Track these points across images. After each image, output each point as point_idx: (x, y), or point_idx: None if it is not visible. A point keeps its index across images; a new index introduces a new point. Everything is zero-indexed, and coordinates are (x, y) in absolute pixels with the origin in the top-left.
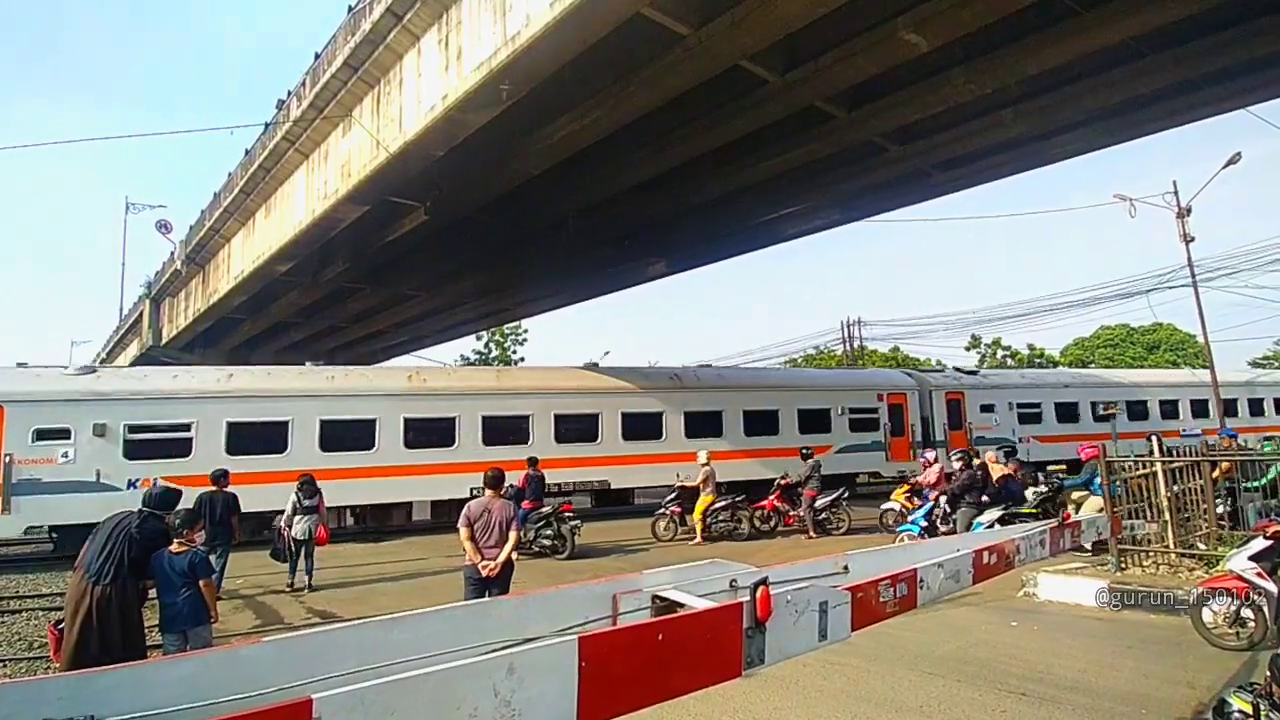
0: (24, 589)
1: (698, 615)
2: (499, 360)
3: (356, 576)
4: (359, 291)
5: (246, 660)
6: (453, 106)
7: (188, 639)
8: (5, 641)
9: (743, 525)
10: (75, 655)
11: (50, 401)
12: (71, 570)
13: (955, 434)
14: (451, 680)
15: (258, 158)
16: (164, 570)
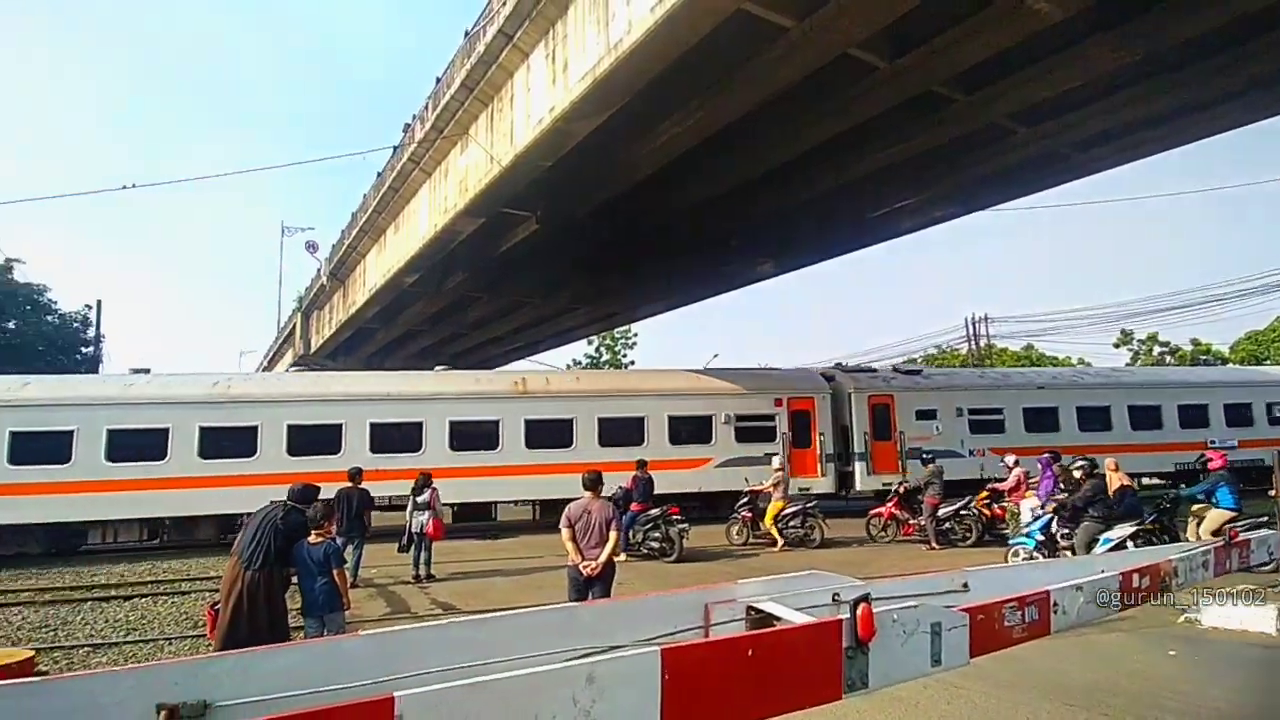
0: (194, 572)
1: (793, 631)
2: (609, 364)
3: (475, 572)
4: (477, 299)
5: (346, 653)
6: (559, 118)
7: (324, 624)
8: (173, 620)
9: (814, 532)
10: (227, 635)
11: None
12: (229, 555)
13: (881, 445)
14: (531, 686)
15: (387, 179)
16: (304, 559)
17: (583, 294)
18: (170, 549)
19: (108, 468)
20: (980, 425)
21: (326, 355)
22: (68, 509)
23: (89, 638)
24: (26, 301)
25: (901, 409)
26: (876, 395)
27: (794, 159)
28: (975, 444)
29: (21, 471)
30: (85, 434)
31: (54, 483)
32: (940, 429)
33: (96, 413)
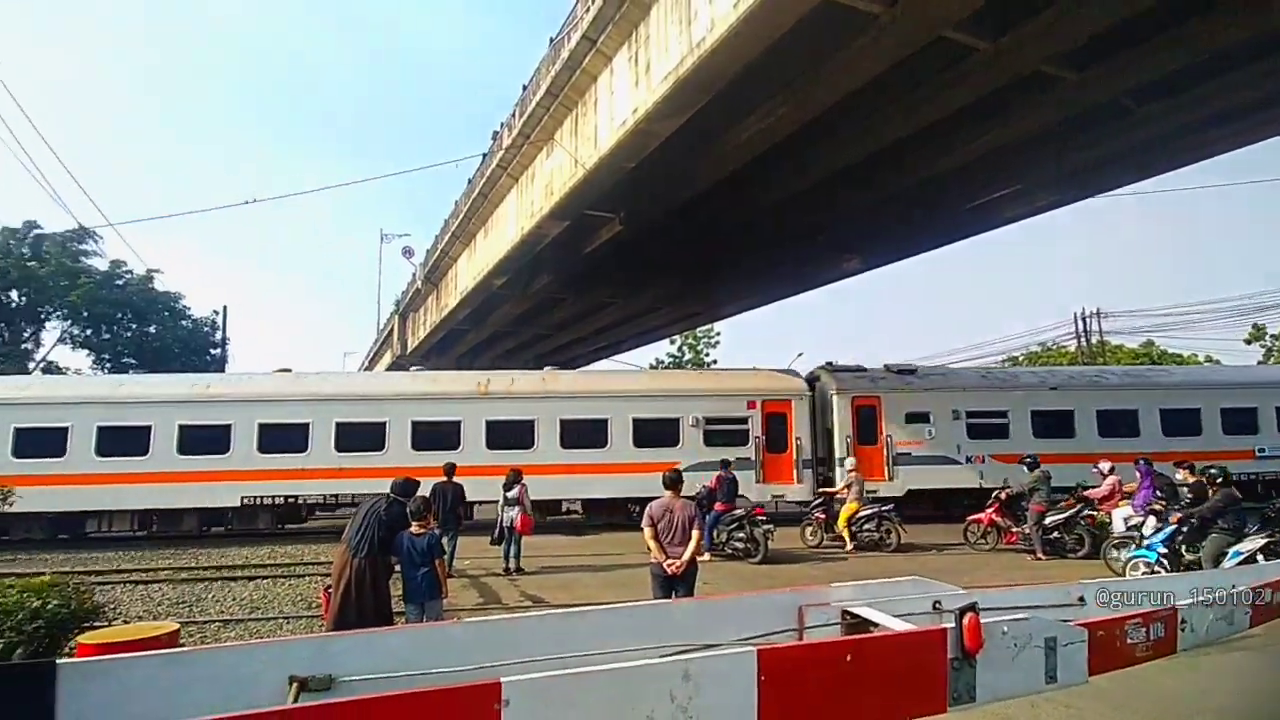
0: (307, 557)
1: (894, 638)
2: (692, 363)
3: (562, 566)
4: (562, 301)
5: (452, 637)
6: (642, 119)
7: (424, 610)
8: (290, 600)
9: (890, 536)
10: (339, 616)
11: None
12: (339, 543)
13: (866, 449)
14: (630, 679)
15: (477, 185)
16: (406, 549)
17: (665, 293)
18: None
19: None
20: (981, 429)
21: (421, 355)
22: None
23: (220, 613)
24: (165, 308)
25: (889, 411)
26: (861, 397)
27: (883, 150)
28: (974, 449)
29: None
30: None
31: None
32: (933, 433)
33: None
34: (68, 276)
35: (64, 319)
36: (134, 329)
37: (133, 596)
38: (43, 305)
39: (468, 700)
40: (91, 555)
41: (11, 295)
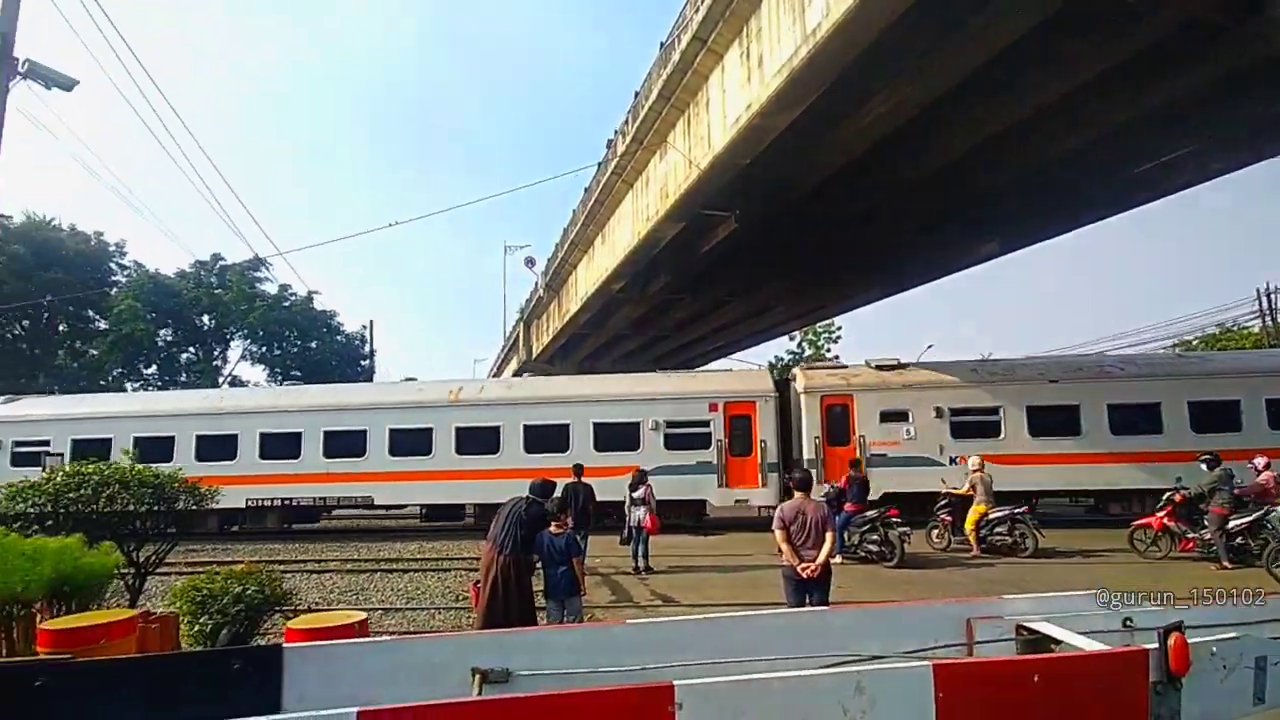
0: (452, 553)
1: (1088, 658)
2: (812, 359)
3: (691, 566)
4: (680, 302)
5: (618, 637)
6: (756, 114)
7: (564, 607)
8: (440, 592)
9: (1027, 541)
10: (487, 610)
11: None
12: (484, 541)
13: (837, 450)
14: (800, 689)
15: (594, 193)
16: (546, 548)
17: (783, 290)
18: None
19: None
20: (967, 428)
21: (545, 360)
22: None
23: (380, 602)
24: (322, 325)
25: (862, 410)
26: (832, 396)
27: (1022, 121)
28: (960, 450)
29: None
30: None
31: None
32: (912, 432)
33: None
34: (246, 301)
35: (244, 338)
36: (299, 345)
37: (309, 584)
38: (227, 327)
39: (642, 700)
40: (270, 546)
41: (203, 319)
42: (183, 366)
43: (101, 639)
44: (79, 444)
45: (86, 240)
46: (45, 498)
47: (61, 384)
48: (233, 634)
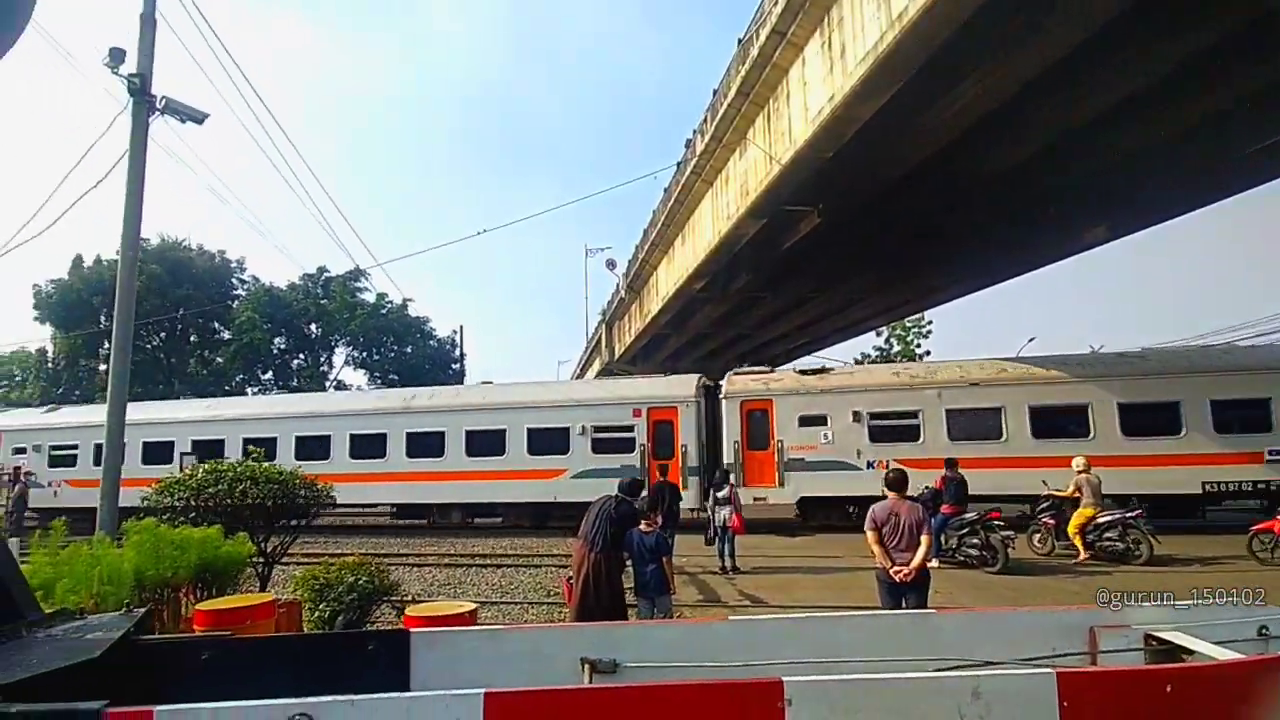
0: (541, 550)
1: (1221, 667)
2: (901, 355)
3: (779, 567)
4: (762, 299)
5: (719, 633)
6: (839, 105)
7: (654, 604)
8: (532, 587)
9: (1141, 547)
10: (580, 605)
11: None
12: (574, 538)
13: (756, 455)
14: (912, 691)
15: (673, 193)
16: (636, 546)
17: (867, 285)
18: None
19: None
20: (886, 432)
21: (627, 361)
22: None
23: (477, 596)
24: (416, 331)
25: (781, 415)
26: (752, 401)
27: (1132, 97)
28: (877, 455)
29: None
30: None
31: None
32: (830, 436)
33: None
34: (348, 310)
35: (347, 345)
36: (395, 350)
37: (411, 577)
38: (332, 334)
39: (751, 695)
40: (375, 540)
41: (311, 328)
42: (294, 372)
43: (247, 620)
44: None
45: (212, 259)
46: (188, 492)
47: (193, 389)
48: (348, 620)
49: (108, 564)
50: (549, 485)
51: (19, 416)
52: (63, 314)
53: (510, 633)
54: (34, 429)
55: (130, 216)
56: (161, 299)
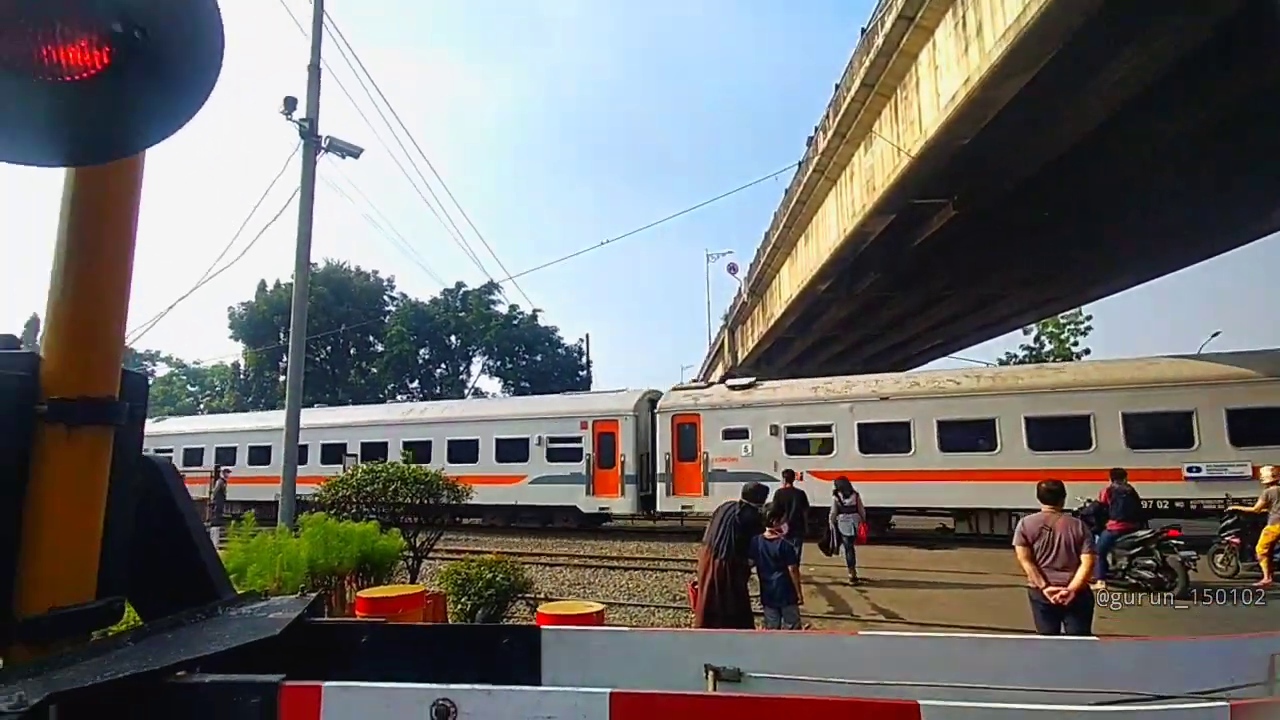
0: (668, 554)
1: None
2: (1054, 355)
3: (916, 581)
4: (890, 299)
5: (849, 648)
6: (975, 88)
7: (781, 614)
8: (658, 591)
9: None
10: (705, 611)
11: None
12: (700, 544)
13: (685, 465)
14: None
15: (794, 194)
16: (761, 553)
17: (1009, 281)
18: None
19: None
20: (801, 445)
21: (750, 365)
22: None
23: (605, 597)
24: (546, 339)
25: (708, 428)
26: (681, 415)
27: None
28: (791, 466)
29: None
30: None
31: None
32: (750, 449)
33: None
34: (484, 321)
35: (483, 355)
36: (526, 359)
37: (543, 576)
38: (470, 345)
39: (885, 716)
40: (510, 539)
41: (451, 339)
42: (437, 380)
43: (400, 609)
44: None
45: (367, 278)
46: (350, 490)
47: (353, 397)
48: (486, 614)
49: (287, 552)
50: (512, 490)
51: (219, 421)
52: (251, 332)
53: (636, 634)
54: (232, 431)
55: (302, 244)
56: (327, 316)
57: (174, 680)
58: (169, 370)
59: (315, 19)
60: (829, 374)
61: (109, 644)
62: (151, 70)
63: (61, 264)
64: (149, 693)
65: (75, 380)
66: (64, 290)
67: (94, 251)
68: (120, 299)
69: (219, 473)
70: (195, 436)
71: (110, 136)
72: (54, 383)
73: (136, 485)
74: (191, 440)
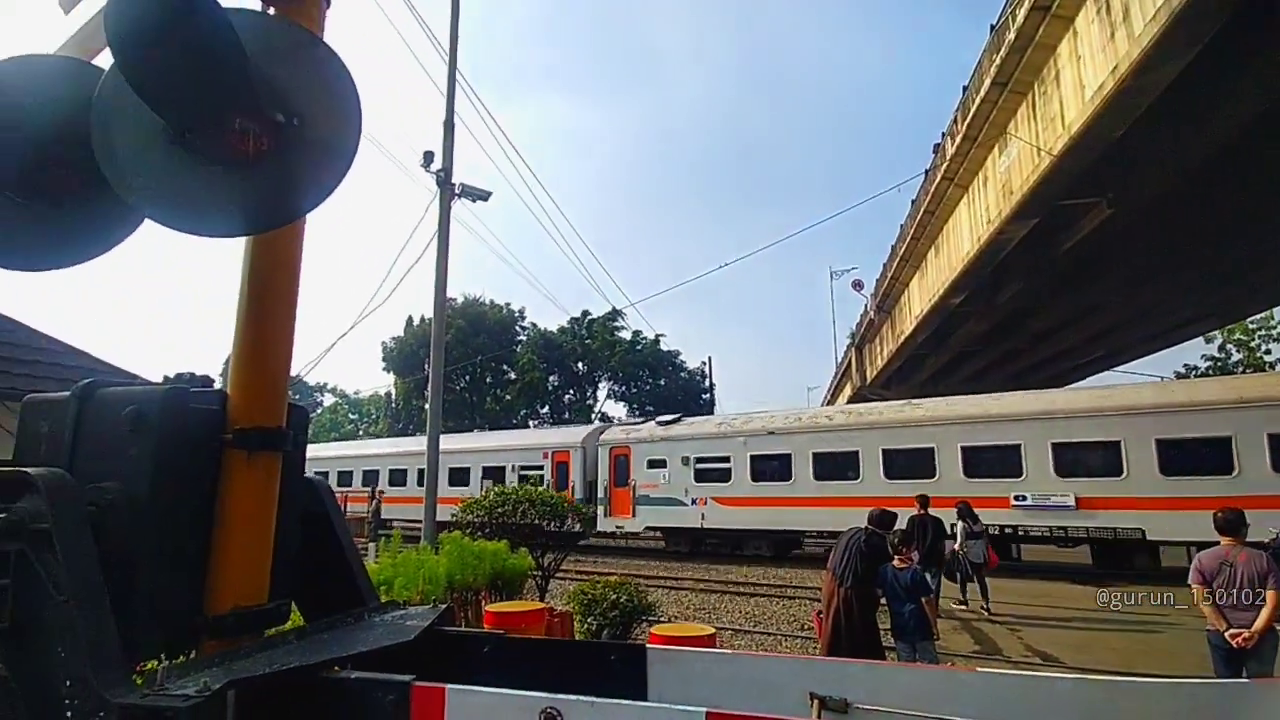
0: (794, 580)
1: None
2: (1245, 365)
3: (1077, 619)
4: (1037, 310)
5: (968, 685)
6: (1126, 75)
7: (915, 649)
8: (785, 619)
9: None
10: (830, 642)
11: None
12: (824, 571)
13: (620, 491)
14: None
15: (922, 204)
16: (891, 583)
17: (1179, 285)
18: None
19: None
20: (706, 474)
21: (881, 385)
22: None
23: (729, 623)
24: (668, 364)
25: (636, 459)
26: (617, 448)
27: None
28: (699, 493)
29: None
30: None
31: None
32: (667, 477)
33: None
34: (608, 348)
35: (609, 380)
36: (650, 383)
37: (668, 599)
38: (596, 371)
39: None
40: (636, 562)
41: (578, 366)
42: (566, 406)
43: (523, 624)
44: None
45: (500, 310)
46: (483, 511)
47: (489, 423)
48: (612, 634)
49: (428, 568)
50: None
51: (360, 446)
52: (400, 364)
53: (741, 657)
54: (372, 455)
55: (440, 282)
56: (465, 347)
57: (327, 675)
58: (334, 400)
59: (449, 81)
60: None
61: (277, 640)
62: (306, 149)
63: (242, 316)
64: (306, 684)
65: (252, 413)
66: (243, 337)
67: (265, 305)
68: (286, 343)
69: (375, 494)
70: (342, 460)
71: (276, 207)
72: (237, 415)
73: (299, 503)
74: (340, 464)
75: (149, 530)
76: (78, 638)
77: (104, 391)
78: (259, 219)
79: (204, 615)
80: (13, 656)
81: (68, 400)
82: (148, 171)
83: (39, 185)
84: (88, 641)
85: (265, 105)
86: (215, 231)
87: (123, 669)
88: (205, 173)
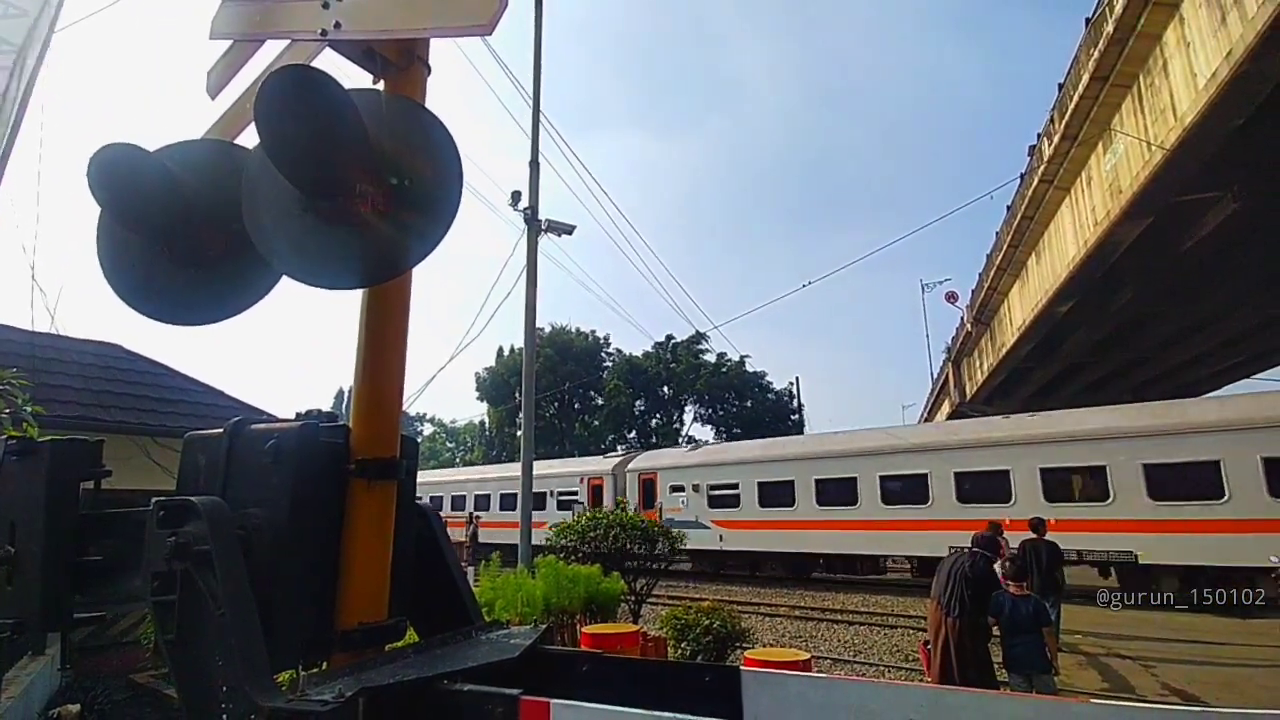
0: (896, 609)
1: None
2: None
3: (1221, 658)
4: (1158, 315)
5: (1077, 716)
6: (1243, 59)
7: (1032, 683)
8: (887, 649)
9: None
10: (940, 675)
11: None
12: (929, 599)
13: (648, 514)
14: None
15: (1019, 210)
16: (1006, 612)
17: None
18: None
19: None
20: (718, 500)
21: (982, 401)
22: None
23: (827, 651)
24: (754, 385)
25: (662, 485)
26: (645, 474)
27: None
28: (713, 517)
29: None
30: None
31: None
32: (686, 502)
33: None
34: (693, 371)
35: (694, 403)
36: (737, 405)
37: (763, 626)
38: (681, 394)
39: None
40: (728, 588)
41: (664, 390)
42: (653, 430)
43: (618, 645)
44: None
45: (586, 338)
46: (576, 535)
47: (579, 448)
48: (706, 658)
49: (526, 590)
50: (538, 533)
51: (450, 473)
52: (493, 393)
53: (836, 682)
54: (460, 481)
55: (529, 314)
56: (553, 375)
57: (442, 686)
58: (432, 429)
59: (533, 123)
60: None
61: (398, 654)
62: (416, 207)
63: (361, 357)
64: (424, 694)
65: (371, 445)
66: (363, 376)
67: (380, 348)
68: (399, 380)
69: (472, 517)
70: (431, 486)
71: (391, 261)
72: (358, 447)
73: (413, 527)
74: (430, 489)
75: (288, 552)
76: (232, 648)
77: (250, 428)
78: (377, 272)
79: (335, 630)
80: (179, 664)
81: (221, 436)
82: (286, 236)
83: (194, 251)
84: (241, 651)
85: (382, 172)
86: (340, 285)
87: (270, 677)
88: (332, 234)
